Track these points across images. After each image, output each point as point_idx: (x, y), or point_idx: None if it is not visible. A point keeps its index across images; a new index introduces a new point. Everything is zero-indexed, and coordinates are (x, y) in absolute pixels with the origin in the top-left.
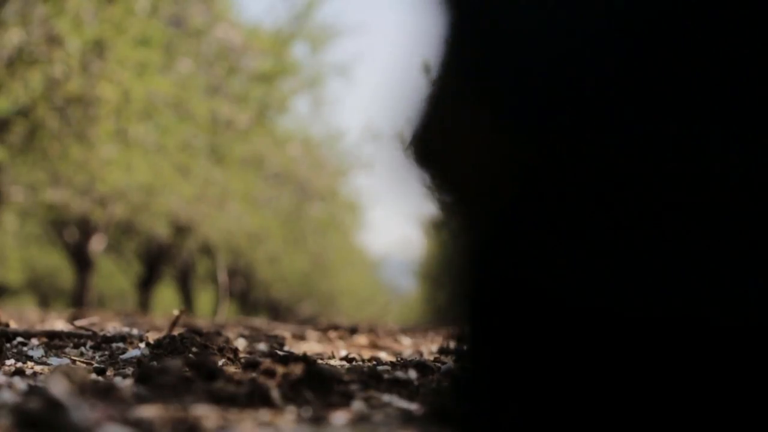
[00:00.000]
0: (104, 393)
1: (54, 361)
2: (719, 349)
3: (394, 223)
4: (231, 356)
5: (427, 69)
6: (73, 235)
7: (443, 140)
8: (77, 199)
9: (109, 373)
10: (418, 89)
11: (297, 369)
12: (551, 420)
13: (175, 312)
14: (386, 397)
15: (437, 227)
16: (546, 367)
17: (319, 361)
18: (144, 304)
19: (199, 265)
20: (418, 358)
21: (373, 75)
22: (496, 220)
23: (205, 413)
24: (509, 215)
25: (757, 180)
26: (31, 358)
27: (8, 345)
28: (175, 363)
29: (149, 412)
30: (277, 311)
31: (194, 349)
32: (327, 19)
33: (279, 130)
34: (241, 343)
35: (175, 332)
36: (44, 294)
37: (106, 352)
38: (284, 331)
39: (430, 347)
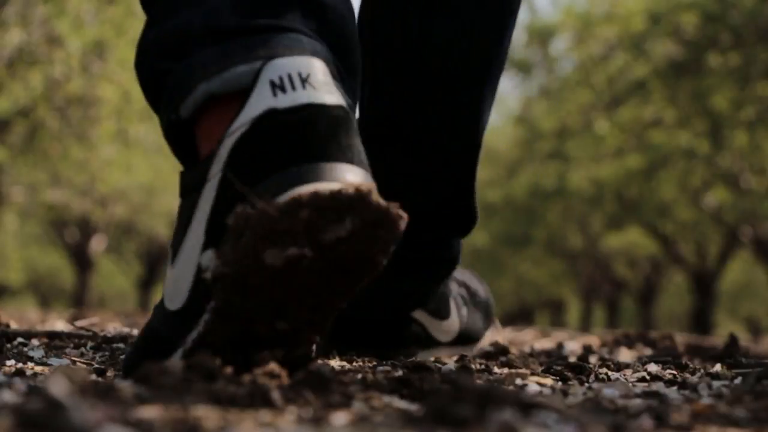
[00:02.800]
0: (104, 393)
1: (54, 361)
2: None
3: None
4: None
5: None
6: (73, 236)
7: None
8: (78, 199)
9: (109, 373)
10: None
11: (297, 369)
12: None
13: None
14: (386, 398)
15: None
16: None
17: (320, 362)
18: (144, 304)
19: None
20: (418, 358)
21: None
22: None
23: (206, 414)
24: None
25: None
26: (31, 359)
27: (8, 345)
28: (175, 363)
29: (149, 412)
30: None
31: None
32: None
33: None
34: None
35: None
36: (44, 294)
37: (107, 353)
38: None
39: None
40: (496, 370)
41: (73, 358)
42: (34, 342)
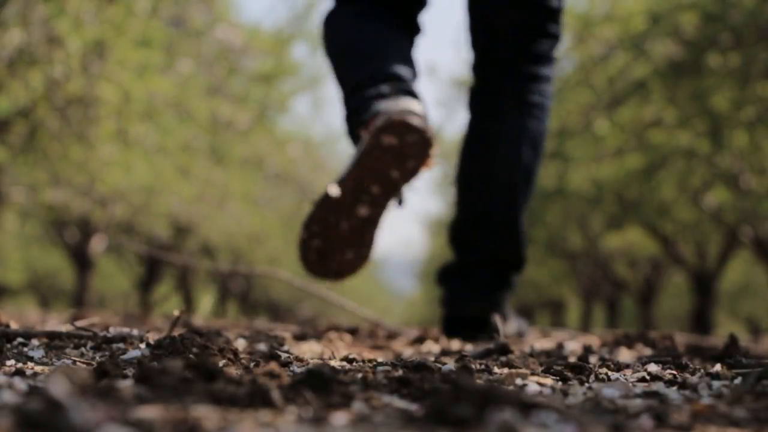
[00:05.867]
0: (105, 393)
1: (54, 361)
2: None
3: (394, 223)
4: (231, 357)
5: None
6: (73, 236)
7: None
8: (78, 199)
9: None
10: None
11: (297, 369)
12: None
13: (176, 313)
14: (386, 398)
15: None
16: None
17: (320, 362)
18: (144, 304)
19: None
20: (418, 359)
21: None
22: None
23: (206, 414)
24: None
25: None
26: (31, 359)
27: (8, 345)
28: (175, 364)
29: (150, 412)
30: (277, 312)
31: (195, 350)
32: None
33: (279, 131)
34: (241, 344)
35: (176, 333)
36: (44, 294)
37: (107, 353)
38: (284, 331)
39: (430, 347)
40: (496, 370)
41: (73, 358)
42: (34, 342)
